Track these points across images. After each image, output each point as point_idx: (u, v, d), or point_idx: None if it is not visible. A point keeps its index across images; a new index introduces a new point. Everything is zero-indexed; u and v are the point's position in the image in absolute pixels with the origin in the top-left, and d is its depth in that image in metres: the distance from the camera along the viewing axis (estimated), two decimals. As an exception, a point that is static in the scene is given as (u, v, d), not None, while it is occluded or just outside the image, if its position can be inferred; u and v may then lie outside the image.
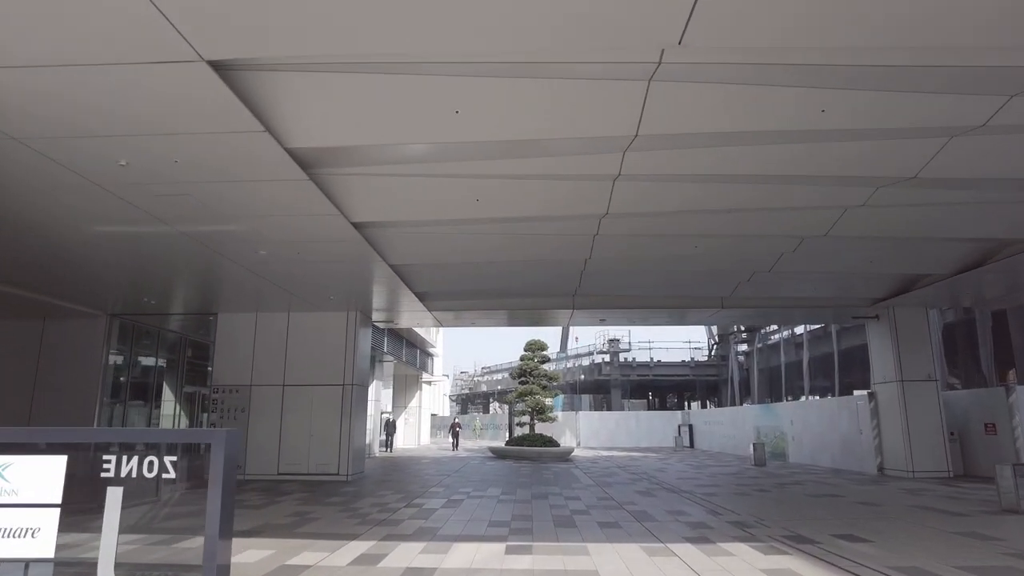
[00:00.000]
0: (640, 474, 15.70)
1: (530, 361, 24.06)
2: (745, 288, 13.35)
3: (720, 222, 9.04)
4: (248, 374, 14.50)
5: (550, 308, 14.47)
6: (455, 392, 62.57)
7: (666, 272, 12.12)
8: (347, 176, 7.14)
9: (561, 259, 10.83)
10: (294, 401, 14.32)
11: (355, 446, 14.31)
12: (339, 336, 14.57)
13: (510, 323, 16.57)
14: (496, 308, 14.54)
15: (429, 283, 12.61)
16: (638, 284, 13.24)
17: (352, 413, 14.21)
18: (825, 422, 17.93)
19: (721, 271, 12.08)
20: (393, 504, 9.92)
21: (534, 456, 20.78)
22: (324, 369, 14.42)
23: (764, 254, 10.79)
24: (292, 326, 14.71)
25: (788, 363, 28.50)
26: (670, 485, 13.03)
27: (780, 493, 11.56)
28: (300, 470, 13.98)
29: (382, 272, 10.96)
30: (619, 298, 14.36)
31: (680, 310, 14.70)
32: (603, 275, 12.23)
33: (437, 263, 11.17)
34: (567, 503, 10.08)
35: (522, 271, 11.82)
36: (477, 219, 8.61)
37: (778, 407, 21.93)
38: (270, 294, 12.93)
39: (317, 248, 9.45)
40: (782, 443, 20.76)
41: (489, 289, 13.33)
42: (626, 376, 37.69)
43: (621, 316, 15.48)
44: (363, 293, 12.83)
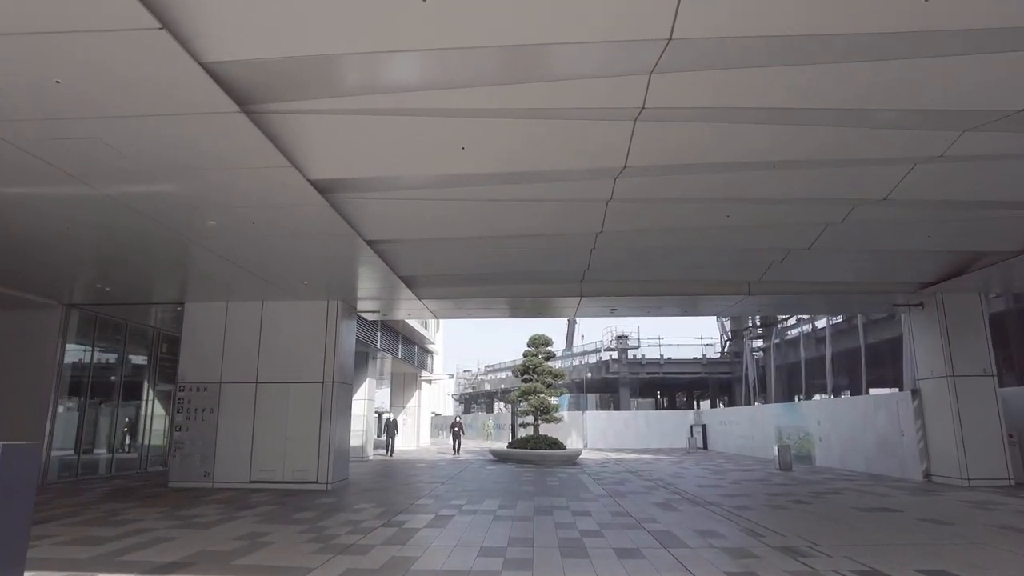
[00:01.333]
0: (655, 481, 14.11)
1: (534, 357, 22.48)
2: (777, 271, 11.74)
3: (761, 182, 7.45)
4: (217, 370, 12.98)
5: (556, 295, 12.88)
6: (458, 391, 61.08)
7: (689, 250, 10.52)
8: (300, 116, 5.60)
9: (568, 232, 9.25)
10: (268, 400, 12.80)
11: (337, 450, 12.78)
12: (318, 328, 13.04)
13: (512, 314, 15.00)
14: (495, 296, 12.97)
15: (416, 265, 11.05)
16: (655, 266, 11.64)
17: (333, 413, 12.67)
18: (858, 422, 16.28)
19: (752, 249, 10.48)
20: (369, 522, 8.37)
21: (538, 460, 19.21)
22: (302, 365, 12.89)
23: (807, 225, 9.18)
24: (266, 317, 13.19)
25: (808, 359, 26.82)
26: (692, 495, 11.44)
27: (822, 506, 9.95)
28: (274, 477, 12.46)
29: (358, 251, 9.42)
30: (632, 284, 12.77)
31: (701, 297, 13.09)
32: (616, 254, 10.65)
33: (423, 239, 9.61)
34: (575, 520, 8.52)
35: (523, 250, 10.26)
36: (467, 175, 7.05)
37: (803, 406, 20.29)
38: (240, 281, 11.41)
39: (275, 218, 7.90)
40: (808, 445, 19.12)
41: (486, 273, 11.77)
42: (635, 374, 36.03)
43: (634, 305, 13.89)
44: (340, 278, 11.28)
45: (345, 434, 13.48)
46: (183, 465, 12.60)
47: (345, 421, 13.49)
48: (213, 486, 12.41)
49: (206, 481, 12.47)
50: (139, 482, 13.40)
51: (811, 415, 19.10)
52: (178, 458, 12.66)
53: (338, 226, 8.21)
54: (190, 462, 12.61)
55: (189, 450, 12.67)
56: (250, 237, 8.69)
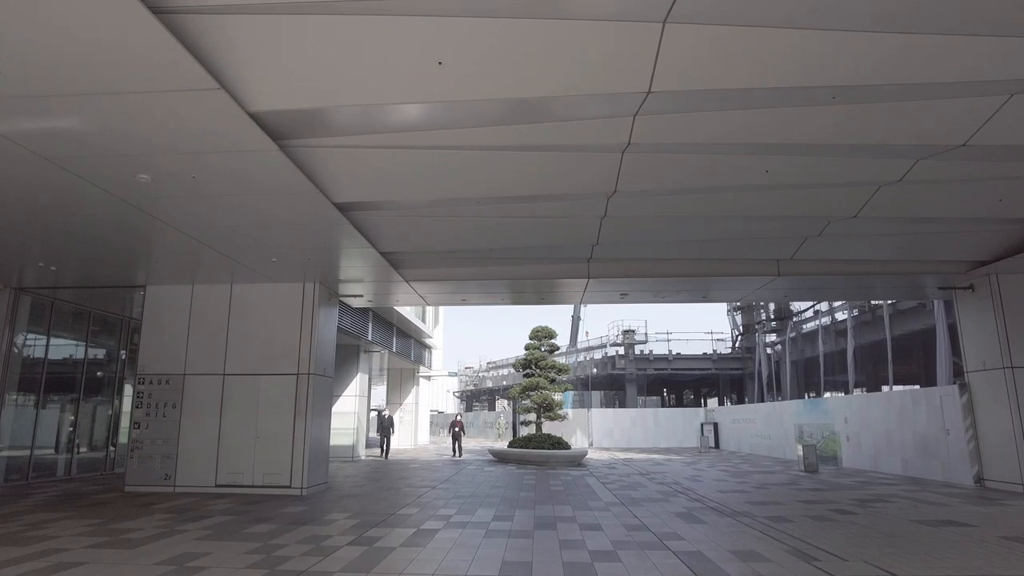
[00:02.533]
0: (671, 484, 12.67)
1: (536, 350, 21.01)
2: (812, 247, 10.28)
3: (814, 120, 5.99)
4: (181, 361, 11.59)
5: (560, 278, 11.43)
6: (459, 389, 59.71)
7: (713, 219, 9.08)
8: (235, 17, 4.19)
9: (577, 192, 7.81)
10: (237, 395, 11.40)
11: (314, 451, 11.37)
12: (293, 313, 11.63)
13: (513, 299, 13.55)
14: (494, 279, 11.51)
15: (400, 238, 9.62)
16: (672, 241, 10.20)
17: (310, 410, 11.26)
18: (893, 419, 14.79)
19: (788, 218, 9.02)
20: (335, 539, 6.95)
21: (541, 460, 17.78)
22: (274, 355, 11.49)
23: (857, 186, 7.72)
24: (236, 301, 11.79)
25: (827, 353, 25.30)
26: (716, 502, 9.99)
27: (873, 517, 8.49)
28: (243, 481, 11.06)
29: (326, 217, 7.98)
30: (645, 264, 11.32)
31: (723, 279, 11.62)
32: (629, 227, 9.25)
33: (405, 204, 8.18)
34: (584, 537, 7.08)
35: (524, 219, 8.83)
36: (456, 106, 5.62)
37: (827, 402, 18.78)
38: (202, 258, 10.04)
39: (218, 169, 6.49)
40: (833, 444, 17.64)
41: (481, 250, 10.34)
42: (642, 370, 34.53)
43: (646, 289, 12.43)
44: (313, 254, 9.84)
45: (324, 433, 12.07)
46: (142, 467, 11.22)
47: (324, 418, 12.08)
48: (175, 490, 11.02)
49: (167, 485, 11.09)
50: (97, 485, 12.02)
51: (837, 412, 17.60)
52: (136, 459, 11.27)
53: (295, 180, 6.78)
54: (149, 464, 11.22)
55: (148, 450, 11.28)
56: (196, 197, 7.28)
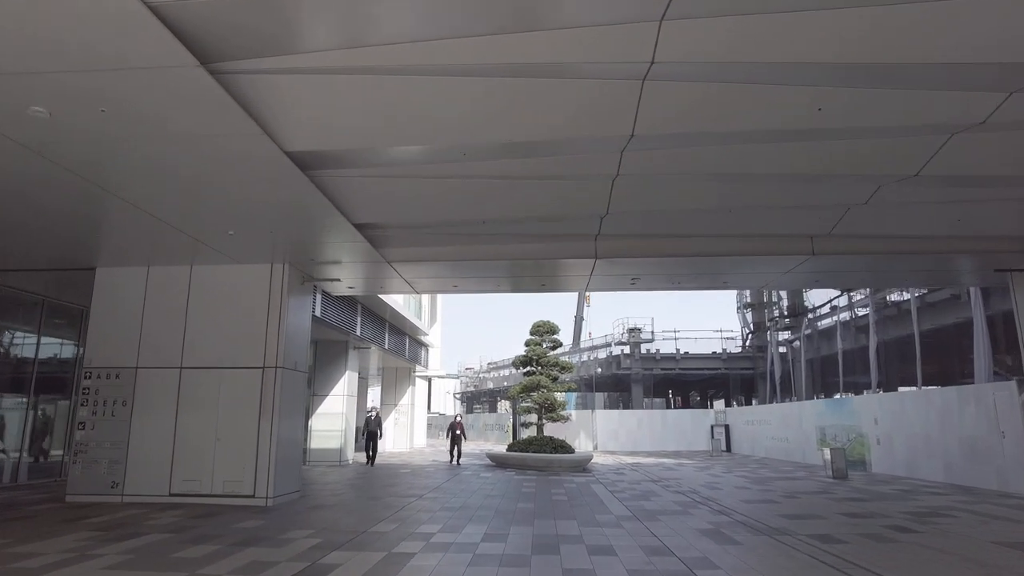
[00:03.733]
0: (687, 493, 11.24)
1: (537, 346, 19.57)
2: (855, 218, 8.86)
3: (883, 41, 4.58)
4: (133, 352, 10.21)
5: (564, 258, 10.02)
6: (460, 390, 58.27)
7: (742, 184, 7.67)
8: None
9: (585, 142, 6.40)
10: (195, 390, 10.02)
11: (282, 456, 9.97)
12: (260, 299, 10.25)
13: (510, 285, 12.12)
14: (487, 259, 10.11)
15: (376, 206, 8.21)
16: (692, 213, 8.80)
17: (278, 408, 9.87)
18: (933, 420, 13.34)
19: (831, 181, 7.60)
20: (281, 567, 5.54)
21: (542, 465, 16.35)
22: (238, 345, 10.11)
23: (929, 130, 6.29)
24: (195, 285, 10.41)
25: (847, 351, 23.81)
26: (744, 515, 8.56)
27: (942, 538, 7.04)
28: (200, 489, 9.67)
29: (280, 172, 6.59)
30: (660, 241, 9.90)
31: (748, 260, 10.20)
32: (643, 192, 7.84)
33: (380, 159, 6.79)
34: (595, 566, 5.66)
35: (522, 185, 7.44)
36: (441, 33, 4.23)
37: (853, 402, 17.30)
38: (155, 235, 8.72)
39: (128, 100, 5.10)
40: (860, 448, 16.18)
41: (471, 222, 8.94)
42: (648, 370, 33.01)
43: (661, 272, 11.00)
44: (274, 225, 8.39)
45: (295, 435, 10.67)
46: (86, 473, 9.82)
47: (295, 419, 10.68)
48: (122, 500, 9.63)
49: (114, 494, 9.70)
50: (41, 494, 10.62)
51: (865, 413, 16.14)
52: (80, 464, 9.88)
53: (234, 118, 5.39)
54: (95, 470, 9.83)
55: (94, 454, 9.90)
56: (115, 144, 5.90)
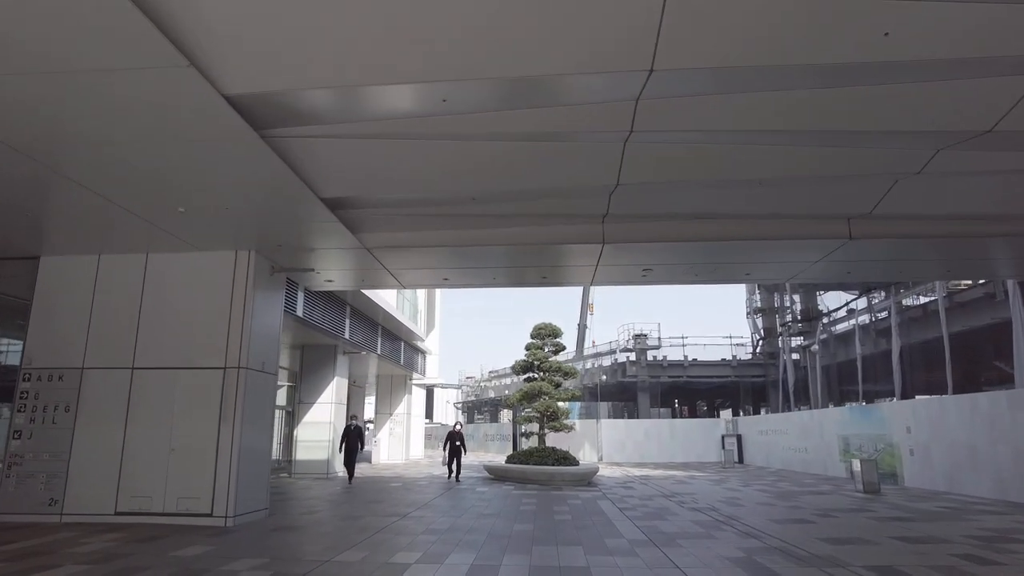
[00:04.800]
0: (706, 511, 9.95)
1: (538, 351, 18.30)
2: (902, 194, 7.64)
3: None
4: (79, 351, 9.01)
5: (567, 242, 8.80)
6: (460, 400, 56.87)
7: (775, 147, 6.47)
8: None
9: (596, 80, 5.21)
10: (148, 394, 8.81)
11: (246, 468, 8.73)
12: (222, 290, 9.06)
13: (506, 278, 10.87)
14: (479, 245, 8.90)
15: (347, 176, 6.99)
16: (715, 188, 7.59)
17: (240, 414, 8.64)
18: (979, 429, 12.02)
19: (883, 142, 6.39)
20: (203, 615, 4.31)
21: (544, 479, 15.04)
22: (197, 343, 8.91)
23: (1005, 73, 5.09)
24: (151, 276, 9.23)
25: (866, 356, 22.50)
26: (778, 538, 7.28)
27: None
28: (151, 507, 8.43)
29: (218, 122, 5.39)
30: (676, 225, 8.69)
31: (775, 244, 8.97)
32: (660, 159, 6.65)
33: (346, 112, 5.61)
34: (606, 613, 4.41)
35: (517, 148, 6.25)
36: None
37: (881, 409, 15.97)
38: (103, 218, 7.59)
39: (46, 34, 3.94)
40: (890, 459, 14.85)
41: (459, 199, 7.74)
42: (655, 377, 31.66)
43: (676, 261, 9.76)
44: (225, 198, 7.17)
45: (262, 445, 9.43)
46: (20, 489, 8.58)
47: (263, 426, 9.44)
48: (61, 520, 8.38)
49: (52, 512, 8.45)
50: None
51: (896, 421, 14.82)
52: (13, 479, 8.65)
53: (150, 43, 4.22)
54: (31, 485, 8.59)
55: (31, 467, 8.66)
56: (38, 102, 4.73)
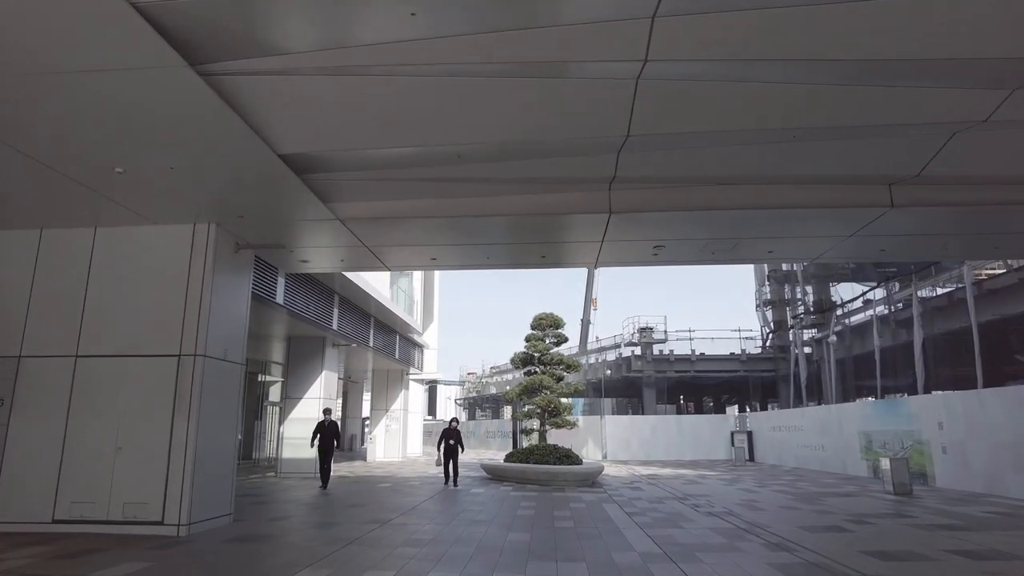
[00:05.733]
0: (723, 515, 8.88)
1: (539, 342, 17.21)
2: (956, 151, 6.54)
3: None
4: (17, 337, 7.97)
5: (569, 212, 7.72)
6: (462, 396, 55.87)
7: (817, 91, 5.38)
8: None
9: (599, 4, 4.14)
10: (94, 385, 7.78)
11: (205, 468, 7.70)
12: (178, 267, 8.01)
13: (500, 258, 9.78)
14: (469, 216, 7.84)
15: (306, 124, 5.91)
16: (738, 143, 6.51)
17: (197, 407, 7.61)
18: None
19: (944, 84, 5.29)
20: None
21: (545, 479, 13.99)
22: (149, 327, 7.87)
23: None
24: (99, 252, 8.19)
25: (884, 348, 21.33)
26: (814, 551, 6.21)
27: None
28: (94, 514, 7.40)
29: (133, 40, 4.33)
30: (692, 192, 7.61)
31: (804, 214, 7.86)
32: (676, 109, 5.57)
33: (301, 46, 4.55)
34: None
35: (510, 88, 5.19)
36: None
37: (909, 403, 14.84)
38: (41, 185, 6.56)
39: None
40: (919, 458, 13.74)
41: (442, 155, 6.66)
42: (661, 372, 30.53)
43: (691, 235, 8.67)
44: (167, 155, 6.10)
45: (225, 442, 8.39)
46: (-52, 494, 7.59)
47: (226, 422, 8.39)
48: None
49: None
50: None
51: (926, 416, 13.71)
52: (-60, 482, 7.65)
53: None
54: (-40, 489, 7.59)
55: (-40, 469, 7.66)
56: None
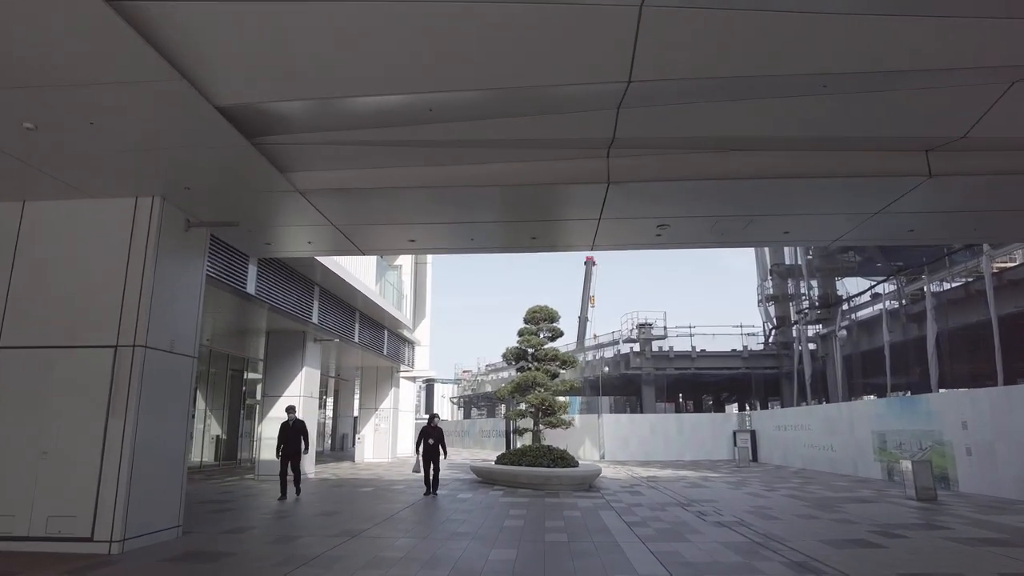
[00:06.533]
0: (735, 526, 7.93)
1: (532, 337, 16.24)
2: (1012, 105, 5.59)
3: None
4: (-67, 327, 7.01)
5: (561, 182, 6.76)
6: (457, 394, 54.93)
7: (857, 23, 4.43)
8: None
9: None
10: (14, 381, 6.79)
11: (146, 476, 6.72)
12: (117, 247, 7.03)
13: (486, 239, 8.81)
14: (446, 186, 6.88)
15: (246, 66, 4.92)
16: (756, 99, 5.55)
17: (136, 405, 6.63)
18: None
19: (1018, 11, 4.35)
20: None
21: (538, 482, 13.03)
22: (83, 315, 6.89)
23: None
24: (27, 229, 7.20)
25: (895, 344, 20.42)
26: (845, 573, 5.28)
27: None
28: (13, 530, 6.42)
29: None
30: (700, 159, 6.65)
31: (828, 185, 6.91)
32: (687, 42, 4.61)
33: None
34: None
35: (483, 18, 4.23)
36: None
37: (928, 400, 13.90)
38: None
39: None
40: (941, 459, 12.82)
41: (415, 107, 5.68)
42: (661, 369, 29.55)
43: (698, 212, 7.67)
44: (86, 108, 5.11)
45: (172, 445, 7.38)
46: None
47: (173, 422, 7.39)
48: None
49: None
50: None
51: (948, 414, 12.78)
52: None
53: None
54: None
55: None
56: None
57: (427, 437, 11.98)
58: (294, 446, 11.35)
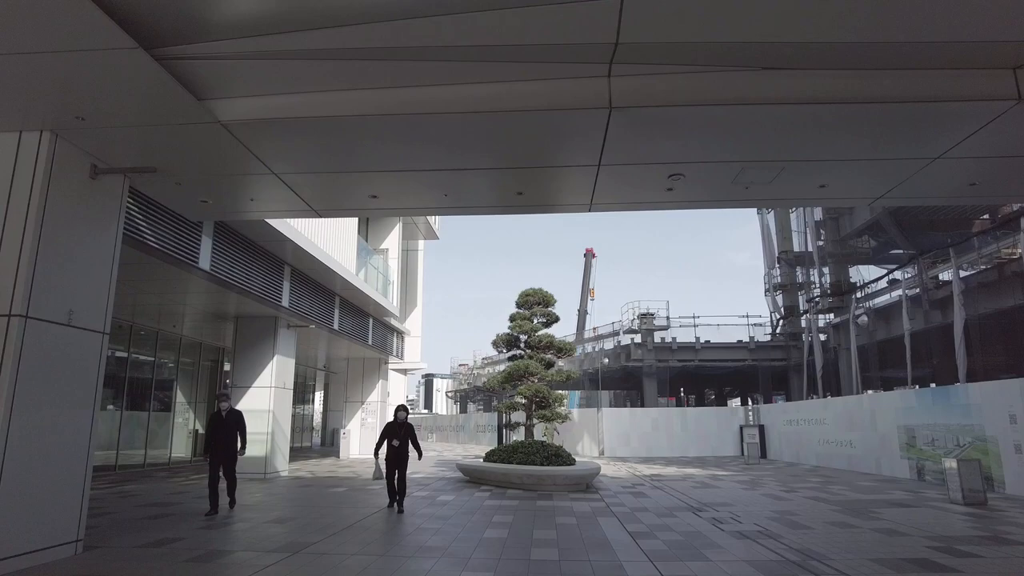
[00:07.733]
0: (760, 538, 6.55)
1: (525, 322, 14.82)
2: None
3: None
4: None
5: (552, 108, 5.36)
6: (452, 388, 53.59)
7: None
8: None
9: None
10: None
11: (29, 480, 5.35)
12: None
13: (461, 196, 7.39)
14: (410, 113, 5.47)
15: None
16: None
17: (9, 391, 5.25)
18: None
19: None
20: None
21: (531, 482, 11.65)
22: (-53, 277, 5.51)
23: None
24: None
25: (914, 333, 19.04)
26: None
27: None
28: None
29: None
30: (724, 77, 5.25)
31: (890, 112, 5.51)
32: None
33: None
34: None
35: None
36: None
37: (967, 392, 12.47)
38: None
39: None
40: (984, 457, 11.43)
41: (378, 6, 4.28)
42: (663, 362, 28.23)
43: (718, 157, 6.31)
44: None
45: (72, 439, 6.00)
46: None
47: (73, 410, 6.00)
48: None
49: None
50: None
51: (991, 407, 11.39)
52: None
53: None
54: None
55: None
56: None
57: (391, 436, 9.01)
58: (226, 444, 8.76)
